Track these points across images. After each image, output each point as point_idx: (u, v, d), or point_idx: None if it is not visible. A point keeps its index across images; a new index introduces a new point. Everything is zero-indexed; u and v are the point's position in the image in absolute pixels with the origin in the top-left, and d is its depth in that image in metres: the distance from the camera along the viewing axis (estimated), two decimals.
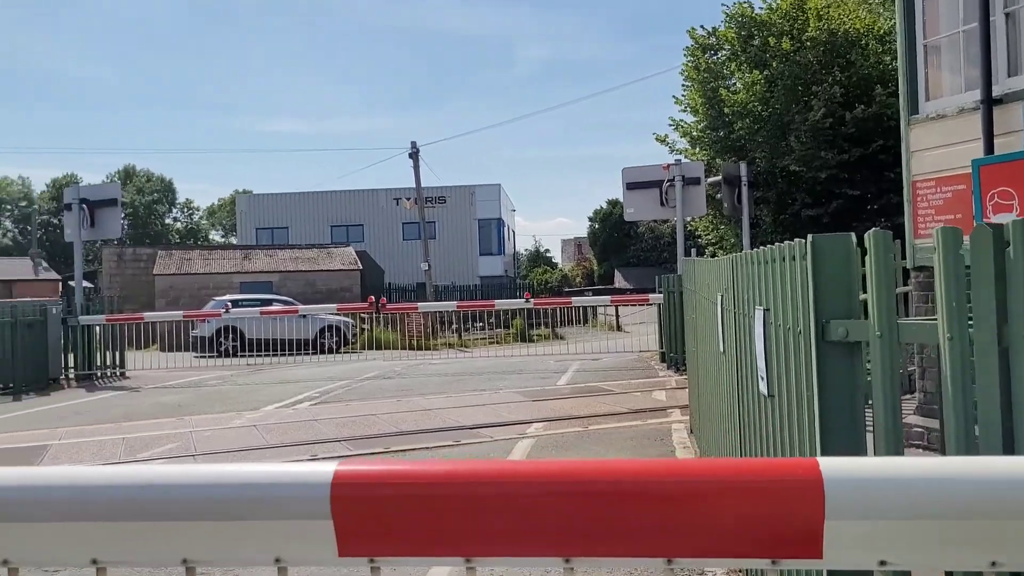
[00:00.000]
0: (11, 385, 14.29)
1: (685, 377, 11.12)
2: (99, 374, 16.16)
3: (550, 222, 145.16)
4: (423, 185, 34.87)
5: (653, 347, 17.00)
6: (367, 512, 1.30)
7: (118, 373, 16.56)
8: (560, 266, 66.55)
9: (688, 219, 19.00)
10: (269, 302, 23.97)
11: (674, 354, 14.16)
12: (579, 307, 25.57)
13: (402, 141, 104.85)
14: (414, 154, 33.50)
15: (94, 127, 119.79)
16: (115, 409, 12.08)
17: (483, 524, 1.27)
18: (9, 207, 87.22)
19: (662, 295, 15.03)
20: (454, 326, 26.56)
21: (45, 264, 60.10)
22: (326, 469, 1.32)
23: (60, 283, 53.23)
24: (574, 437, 8.77)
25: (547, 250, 70.31)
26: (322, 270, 31.90)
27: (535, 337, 24.24)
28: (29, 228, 76.91)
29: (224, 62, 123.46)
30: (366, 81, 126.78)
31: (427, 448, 8.41)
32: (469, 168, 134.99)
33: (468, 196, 49.30)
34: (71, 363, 16.01)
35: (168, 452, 8.64)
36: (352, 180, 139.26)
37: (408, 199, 38.98)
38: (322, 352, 21.56)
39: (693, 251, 17.76)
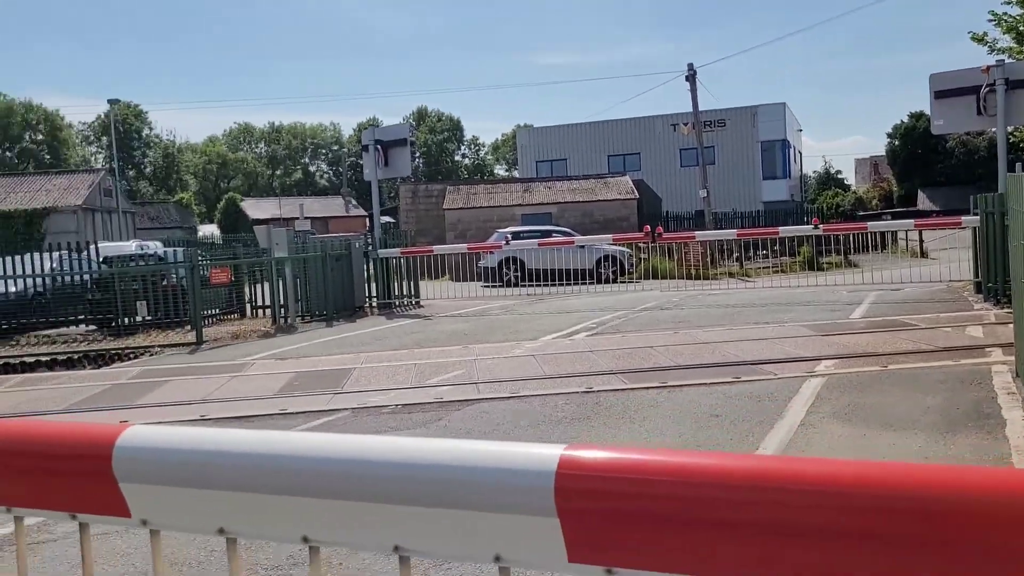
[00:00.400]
0: (324, 312, 15.88)
1: (1008, 311, 9.68)
2: (397, 303, 17.46)
3: (842, 141, 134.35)
4: (701, 108, 33.51)
5: (966, 276, 15.06)
6: (602, 510, 1.02)
7: (413, 302, 17.80)
8: (853, 188, 61.50)
9: (1012, 129, 16.41)
10: (548, 233, 24.47)
11: (993, 284, 12.40)
12: (876, 232, 23.34)
13: (679, 64, 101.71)
14: (691, 76, 32.19)
15: (393, 73, 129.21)
16: (409, 336, 12.94)
17: (757, 545, 0.94)
18: (324, 151, 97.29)
19: (978, 217, 13.17)
20: (735, 255, 25.51)
21: (354, 202, 66.46)
22: (549, 453, 1.06)
23: (367, 219, 58.49)
24: (871, 377, 7.93)
25: (838, 171, 65.17)
26: (599, 200, 31.97)
27: (825, 265, 22.58)
28: (340, 169, 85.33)
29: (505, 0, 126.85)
30: (643, 5, 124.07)
31: (705, 384, 8.03)
32: (751, 88, 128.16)
33: (749, 117, 46.77)
34: (373, 292, 17.46)
35: (453, 379, 9.04)
36: (628, 108, 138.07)
37: (685, 124, 37.71)
38: (599, 282, 21.65)
39: (1018, 166, 15.33)
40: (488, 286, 22.53)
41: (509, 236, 22.15)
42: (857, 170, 70.60)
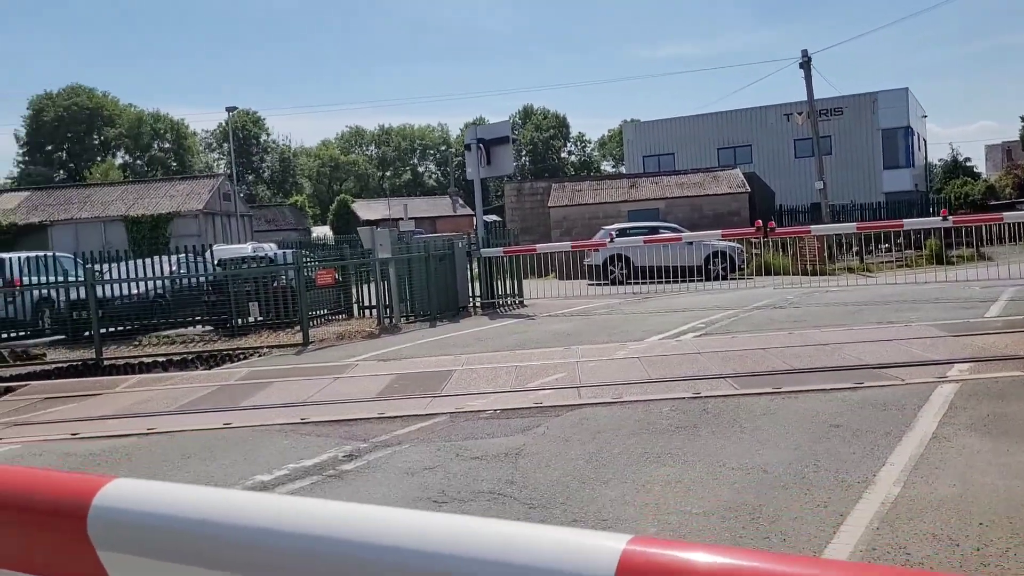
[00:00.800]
0: (428, 313, 15.89)
1: None
2: (500, 302, 17.33)
3: (970, 126, 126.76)
4: (816, 97, 32.09)
5: None
6: None
7: (517, 301, 17.62)
8: (984, 176, 57.76)
9: None
10: (655, 229, 23.90)
11: None
12: (1011, 223, 21.70)
13: (792, 51, 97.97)
14: (805, 63, 30.85)
15: (500, 72, 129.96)
16: (511, 336, 12.74)
17: None
18: (432, 152, 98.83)
19: None
20: (854, 249, 24.28)
21: (461, 201, 67.18)
22: (609, 546, 0.76)
23: (474, 218, 58.83)
24: (1012, 383, 7.19)
25: (967, 159, 61.14)
26: (708, 195, 31.06)
27: (954, 259, 21.19)
28: (448, 169, 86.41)
29: None
30: None
31: (823, 390, 7.47)
32: (870, 73, 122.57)
33: (869, 104, 44.54)
34: (477, 292, 17.37)
35: (554, 382, 8.77)
36: (739, 99, 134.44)
37: (799, 113, 36.25)
38: (709, 279, 20.97)
39: None
40: (594, 284, 22.15)
41: (614, 233, 21.72)
42: (988, 157, 66.34)
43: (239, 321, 15.55)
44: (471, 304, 17.08)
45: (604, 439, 6.34)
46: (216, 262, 17.71)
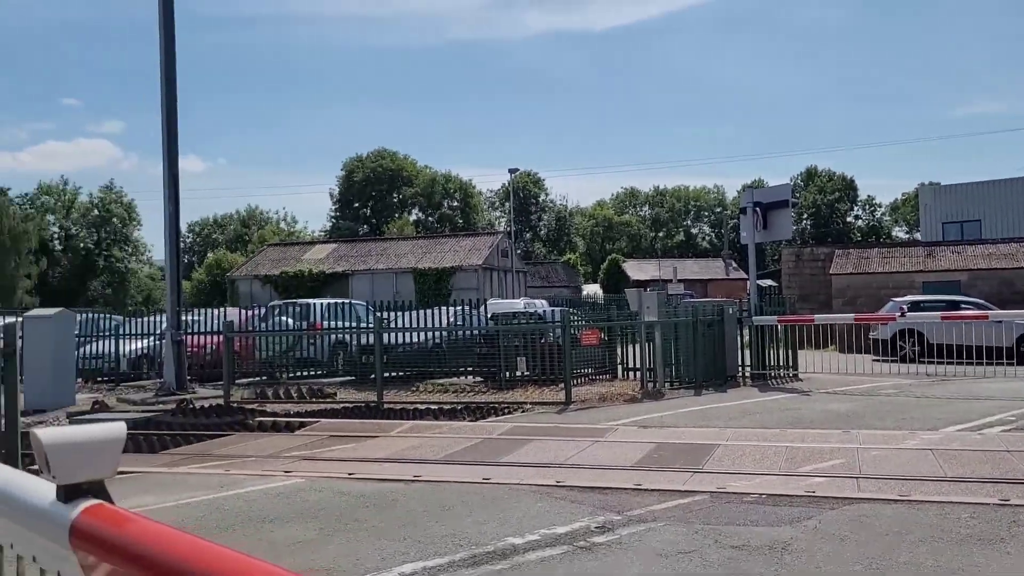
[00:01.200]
0: (692, 380, 15.36)
1: None
2: (771, 374, 16.35)
3: None
4: None
5: None
6: None
7: (790, 374, 16.54)
8: None
9: None
10: (955, 304, 21.53)
11: None
12: None
13: None
14: None
15: (780, 132, 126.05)
16: (782, 413, 11.90)
17: None
18: (707, 213, 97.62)
19: None
20: None
21: (735, 264, 65.39)
22: None
23: (747, 282, 56.87)
24: None
25: None
26: (1021, 267, 27.50)
27: None
28: (722, 232, 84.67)
29: (909, 50, 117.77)
30: None
31: None
32: None
33: None
34: (746, 361, 16.54)
35: (829, 469, 7.98)
36: None
37: None
38: (1022, 364, 18.38)
39: None
40: (880, 360, 20.28)
41: (905, 307, 19.81)
42: None
43: (507, 374, 16.02)
44: (739, 374, 16.28)
45: (887, 543, 5.58)
46: (489, 316, 18.48)
